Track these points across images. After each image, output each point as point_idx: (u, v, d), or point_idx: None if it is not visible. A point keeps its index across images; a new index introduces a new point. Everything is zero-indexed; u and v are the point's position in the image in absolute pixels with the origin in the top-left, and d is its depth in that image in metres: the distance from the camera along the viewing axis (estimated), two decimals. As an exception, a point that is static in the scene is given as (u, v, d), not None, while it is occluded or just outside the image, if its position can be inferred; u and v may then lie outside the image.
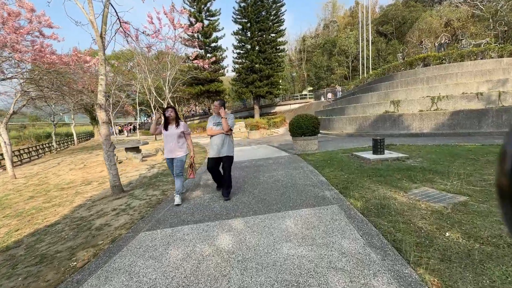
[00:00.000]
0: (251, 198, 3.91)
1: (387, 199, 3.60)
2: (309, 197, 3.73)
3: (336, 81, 41.01)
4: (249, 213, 3.27)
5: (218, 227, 2.91)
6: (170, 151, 3.93)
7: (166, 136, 3.95)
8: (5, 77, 11.96)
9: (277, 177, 5.06)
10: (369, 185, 4.29)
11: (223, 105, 3.94)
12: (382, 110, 11.68)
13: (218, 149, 3.89)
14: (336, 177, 4.88)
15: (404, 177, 4.55)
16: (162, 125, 3.99)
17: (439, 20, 35.05)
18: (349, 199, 3.67)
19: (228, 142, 3.97)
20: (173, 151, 3.91)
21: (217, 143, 3.90)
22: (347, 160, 6.26)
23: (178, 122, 3.99)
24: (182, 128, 3.98)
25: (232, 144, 4.07)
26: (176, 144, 3.92)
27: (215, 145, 3.93)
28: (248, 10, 26.54)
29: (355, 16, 53.89)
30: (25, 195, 6.47)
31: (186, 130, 4.05)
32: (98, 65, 4.70)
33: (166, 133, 3.95)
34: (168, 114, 3.91)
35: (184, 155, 4.02)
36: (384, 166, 5.35)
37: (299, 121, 8.05)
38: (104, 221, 3.59)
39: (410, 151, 6.81)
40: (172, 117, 3.96)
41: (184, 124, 4.05)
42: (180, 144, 3.97)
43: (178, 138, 3.94)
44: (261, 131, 18.60)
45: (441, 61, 13.27)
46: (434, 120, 9.66)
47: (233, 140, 4.12)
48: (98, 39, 4.60)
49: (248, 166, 6.47)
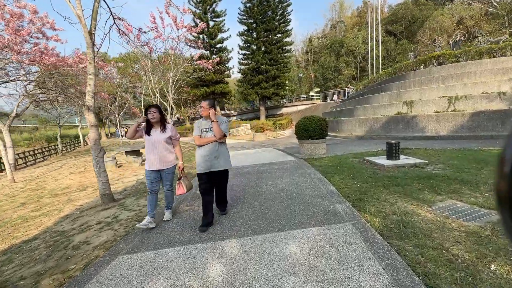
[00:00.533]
0: (251, 211, 3.43)
1: (409, 215, 3.07)
2: (318, 212, 3.23)
3: (344, 82, 40.19)
4: (247, 232, 2.80)
5: (209, 251, 2.44)
6: (157, 161, 3.20)
7: (148, 142, 3.21)
8: (8, 79, 11.91)
9: (281, 186, 4.57)
10: (386, 196, 3.76)
11: (213, 106, 3.15)
12: (394, 111, 11.04)
13: (211, 161, 3.04)
14: (347, 186, 4.37)
15: (426, 187, 4.00)
16: (144, 129, 3.25)
17: (451, 18, 33.92)
18: (364, 214, 3.16)
19: (223, 152, 3.18)
20: (160, 161, 3.21)
21: (209, 154, 3.05)
22: (358, 166, 5.71)
23: (164, 125, 3.29)
24: (170, 133, 3.31)
25: (228, 153, 3.28)
26: (164, 153, 3.23)
27: (205, 156, 3.04)
28: (254, 11, 26.18)
29: (363, 16, 53.01)
30: (17, 202, 6.17)
31: (174, 135, 3.37)
32: (87, 64, 4.33)
33: (148, 139, 3.21)
34: (150, 116, 3.18)
35: (172, 166, 3.38)
36: (401, 174, 4.80)
37: (306, 123, 7.55)
38: (84, 238, 3.18)
39: (428, 156, 6.22)
40: (156, 119, 3.23)
41: (171, 128, 3.37)
42: (169, 152, 3.31)
43: (166, 145, 3.26)
44: (266, 133, 18.11)
45: (457, 59, 12.53)
46: (452, 121, 8.99)
47: (227, 148, 3.33)
48: (86, 35, 4.24)
49: (250, 173, 5.99)
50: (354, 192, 4.01)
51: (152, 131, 3.24)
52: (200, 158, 3.07)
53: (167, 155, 3.27)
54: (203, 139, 3.11)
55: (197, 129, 3.19)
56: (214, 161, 3.06)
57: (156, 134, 3.23)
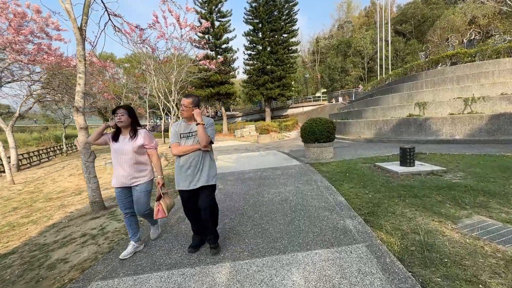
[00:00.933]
0: (250, 226, 3.05)
1: (432, 234, 2.65)
2: (325, 229, 2.83)
3: (351, 83, 39.49)
4: (243, 254, 2.42)
5: (197, 279, 2.07)
6: (124, 176, 2.52)
7: (114, 152, 2.53)
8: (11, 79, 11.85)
9: (285, 195, 4.18)
10: (403, 210, 3.33)
11: (197, 105, 2.48)
12: (405, 113, 10.50)
13: (192, 176, 2.41)
14: (357, 196, 3.95)
15: (447, 200, 3.56)
16: (111, 134, 2.60)
17: (463, 18, 32.92)
18: (379, 232, 2.75)
19: (208, 163, 2.49)
20: (128, 176, 2.52)
21: (190, 166, 2.41)
22: (369, 173, 5.27)
23: (134, 131, 2.57)
24: (142, 140, 2.56)
25: (214, 165, 2.58)
26: (133, 165, 2.53)
27: (186, 169, 2.42)
28: (260, 10, 25.86)
29: (370, 16, 52.16)
30: (10, 206, 5.94)
31: (149, 143, 2.62)
32: (76, 62, 4.04)
33: (113, 148, 2.53)
34: (117, 119, 2.47)
35: (147, 182, 2.63)
36: (417, 183, 4.35)
37: (312, 125, 7.14)
38: (64, 254, 2.86)
39: (445, 162, 5.73)
40: (124, 124, 2.51)
41: (145, 134, 2.61)
42: (140, 165, 2.59)
43: (136, 156, 2.54)
44: (271, 135, 17.71)
45: (473, 58, 11.91)
46: (469, 124, 8.43)
47: (214, 159, 2.66)
48: (76, 31, 3.94)
49: (252, 178, 5.61)
50: (366, 204, 3.59)
51: (120, 137, 2.55)
52: (180, 171, 2.45)
53: (138, 168, 2.57)
54: (183, 148, 2.42)
55: (174, 134, 2.49)
56: (197, 175, 2.42)
57: (124, 142, 2.52)
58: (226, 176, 6.08)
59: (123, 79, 25.79)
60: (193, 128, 2.45)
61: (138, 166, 2.58)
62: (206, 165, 2.48)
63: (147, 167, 2.67)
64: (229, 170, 6.82)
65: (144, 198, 2.62)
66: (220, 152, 11.65)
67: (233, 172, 6.55)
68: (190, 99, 2.42)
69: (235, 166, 7.41)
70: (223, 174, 6.37)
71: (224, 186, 5.12)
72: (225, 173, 6.54)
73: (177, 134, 2.49)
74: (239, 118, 38.15)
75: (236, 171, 6.60)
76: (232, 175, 6.19)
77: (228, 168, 7.28)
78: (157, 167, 2.69)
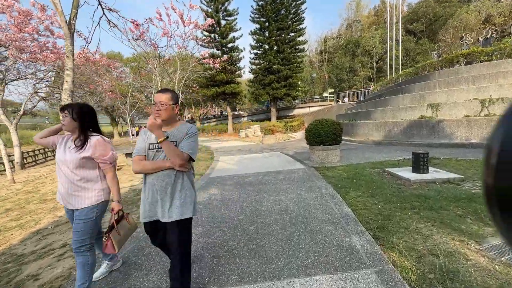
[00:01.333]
0: (243, 241, 2.72)
1: (453, 258, 2.28)
2: (328, 248, 2.48)
3: (359, 83, 38.71)
4: (232, 278, 2.09)
5: (174, 310, 1.76)
6: (63, 195, 1.94)
7: (57, 162, 1.95)
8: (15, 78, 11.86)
9: (285, 204, 3.83)
10: (417, 225, 2.95)
11: (177, 102, 1.84)
12: (417, 115, 9.98)
13: (161, 204, 1.73)
14: (366, 207, 3.58)
15: (468, 214, 3.15)
16: (63, 139, 2.04)
17: (477, 16, 31.78)
18: (390, 253, 2.39)
19: (185, 188, 1.80)
20: (68, 195, 1.92)
21: (158, 191, 1.74)
22: (378, 180, 4.88)
23: (84, 138, 1.94)
24: (90, 151, 1.92)
25: (192, 191, 1.85)
26: (74, 183, 1.90)
27: (153, 194, 1.76)
28: (267, 9, 25.48)
29: (380, 15, 51.07)
30: (3, 207, 5.77)
31: (100, 155, 1.95)
32: (64, 58, 3.79)
33: (57, 156, 1.97)
34: (62, 121, 1.93)
35: (92, 207, 1.94)
36: (432, 193, 3.94)
37: (318, 127, 6.76)
38: (37, 268, 2.59)
39: (462, 169, 5.27)
40: (69, 127, 1.93)
41: (97, 142, 1.95)
42: (85, 183, 1.94)
43: (80, 170, 1.92)
44: (276, 135, 17.33)
45: (490, 57, 11.27)
46: (486, 127, 7.88)
47: (192, 181, 1.91)
48: (63, 24, 3.69)
49: (252, 183, 5.28)
50: (375, 217, 3.22)
51: (68, 143, 1.99)
52: (145, 197, 1.79)
53: (81, 186, 1.92)
54: (149, 164, 1.72)
55: (141, 142, 1.79)
56: (166, 205, 1.71)
57: (67, 151, 1.92)
58: (225, 180, 5.77)
59: (130, 78, 25.89)
60: (170, 137, 1.74)
61: (82, 183, 1.92)
62: (181, 191, 1.76)
63: (95, 185, 1.96)
64: (229, 173, 6.51)
65: (82, 228, 1.88)
66: (223, 153, 11.37)
67: (233, 175, 6.23)
68: (168, 94, 1.76)
69: (236, 169, 7.09)
70: (222, 178, 6.07)
71: (221, 192, 4.81)
72: (224, 176, 6.23)
73: (145, 144, 1.77)
74: (245, 118, 37.87)
75: (236, 174, 6.28)
76: (232, 179, 5.87)
77: (228, 170, 6.98)
78: (113, 187, 2.04)
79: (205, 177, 6.42)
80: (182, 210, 1.73)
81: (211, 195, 4.67)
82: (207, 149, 13.79)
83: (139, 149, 1.78)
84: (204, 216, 3.53)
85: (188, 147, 1.74)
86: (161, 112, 1.72)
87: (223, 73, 24.42)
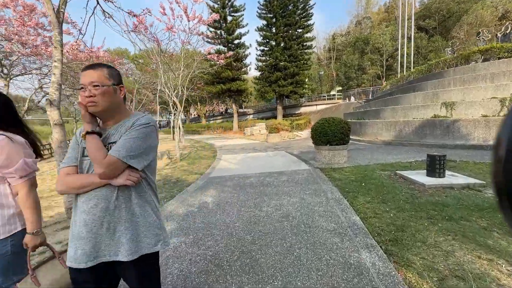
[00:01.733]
0: (237, 254, 2.42)
1: (482, 282, 1.92)
2: (334, 266, 2.15)
3: (367, 81, 37.82)
4: (220, 301, 1.80)
5: None
6: None
7: None
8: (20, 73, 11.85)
9: (287, 209, 3.51)
10: (436, 238, 2.59)
11: (119, 82, 1.18)
12: (430, 114, 9.47)
13: (100, 239, 1.05)
14: (376, 215, 3.22)
15: (494, 226, 2.78)
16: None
17: (494, 12, 30.50)
18: (406, 273, 2.05)
19: (132, 217, 1.10)
20: None
21: (94, 218, 1.05)
22: (389, 184, 4.50)
23: None
24: None
25: (151, 215, 1.16)
26: None
27: (86, 223, 1.04)
28: (274, 4, 24.99)
29: (391, 11, 49.76)
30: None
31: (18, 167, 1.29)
32: (52, 48, 3.55)
33: None
34: None
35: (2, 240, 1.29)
36: (451, 200, 3.55)
37: (324, 126, 6.40)
38: None
39: (482, 173, 4.84)
40: None
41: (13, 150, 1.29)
42: None
43: None
44: (281, 134, 16.96)
45: (510, 53, 10.61)
46: (506, 128, 7.35)
47: (153, 201, 1.20)
48: (50, 12, 3.44)
49: (253, 185, 4.97)
50: (387, 227, 2.87)
51: None
52: (73, 228, 1.09)
53: None
54: (78, 179, 1.08)
55: (72, 150, 1.15)
56: (106, 236, 1.06)
57: None
58: (225, 181, 5.48)
59: (136, 75, 25.85)
60: (111, 137, 1.14)
61: None
62: (129, 221, 1.09)
63: (5, 210, 1.33)
64: (230, 173, 6.22)
65: None
66: (226, 151, 11.10)
67: (234, 175, 5.94)
68: (102, 69, 1.12)
69: (238, 169, 6.80)
70: (222, 178, 5.78)
71: (219, 194, 4.52)
72: (225, 176, 5.94)
73: (78, 150, 1.15)
74: (251, 115, 37.53)
75: (237, 175, 5.99)
76: (232, 179, 5.57)
77: (229, 170, 6.68)
78: (27, 211, 1.32)
79: (205, 176, 6.15)
80: (138, 246, 1.09)
81: (208, 197, 4.39)
82: (211, 147, 13.56)
83: (69, 158, 1.14)
84: (197, 222, 3.24)
85: (121, 146, 1.05)
86: (96, 98, 1.07)
87: (228, 70, 24.12)
